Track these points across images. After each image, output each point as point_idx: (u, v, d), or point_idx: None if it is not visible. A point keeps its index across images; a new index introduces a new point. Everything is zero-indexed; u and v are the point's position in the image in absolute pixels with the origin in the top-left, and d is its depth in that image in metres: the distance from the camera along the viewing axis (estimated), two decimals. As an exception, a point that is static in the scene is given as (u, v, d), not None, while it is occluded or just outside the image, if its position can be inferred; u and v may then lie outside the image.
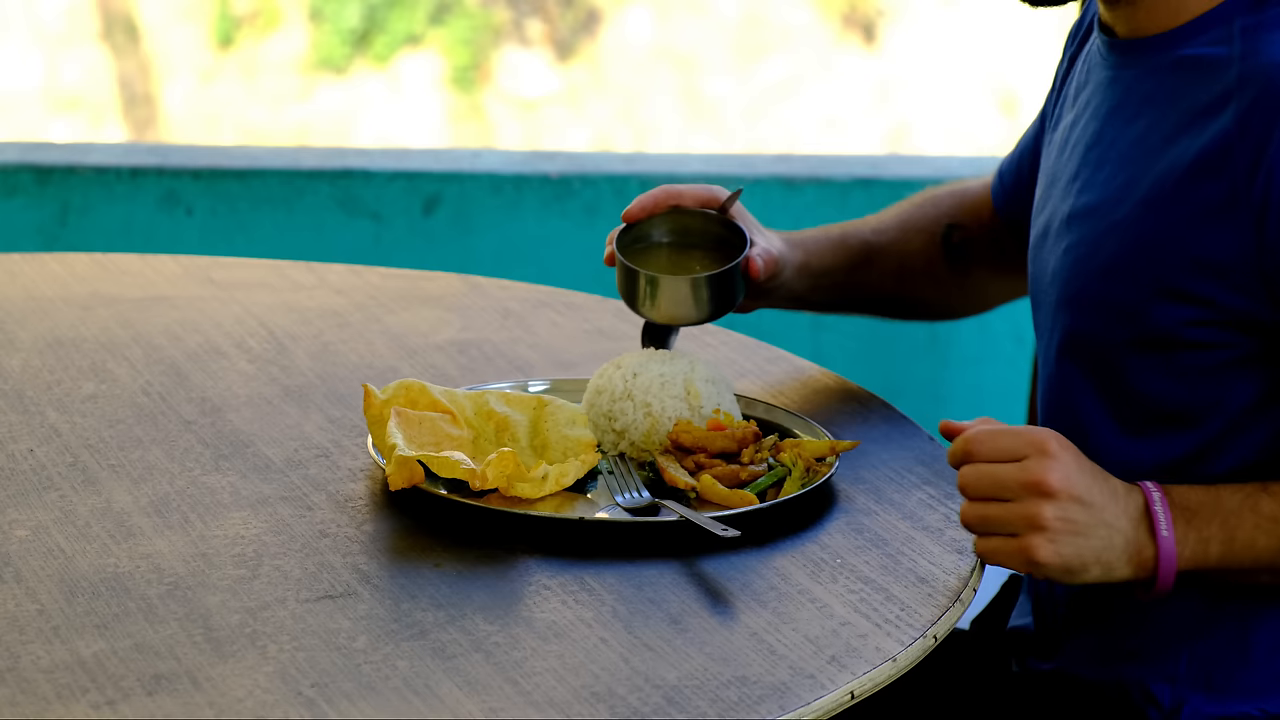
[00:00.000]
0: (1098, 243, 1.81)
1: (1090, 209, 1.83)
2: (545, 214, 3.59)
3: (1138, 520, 1.68)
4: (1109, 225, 1.80)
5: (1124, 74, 1.84)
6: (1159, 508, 1.68)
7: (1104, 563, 1.67)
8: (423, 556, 1.65)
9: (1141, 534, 1.68)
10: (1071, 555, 1.65)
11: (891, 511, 1.76)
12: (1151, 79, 1.81)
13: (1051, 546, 1.65)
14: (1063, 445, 1.67)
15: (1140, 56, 1.83)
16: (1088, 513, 1.65)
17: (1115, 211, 1.80)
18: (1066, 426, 1.81)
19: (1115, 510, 1.67)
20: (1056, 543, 1.65)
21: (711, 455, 1.77)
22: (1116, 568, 1.67)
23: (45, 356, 2.06)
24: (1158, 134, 1.78)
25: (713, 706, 1.44)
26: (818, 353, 3.60)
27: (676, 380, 1.83)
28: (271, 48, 8.45)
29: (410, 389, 1.82)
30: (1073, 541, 1.65)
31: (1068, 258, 1.84)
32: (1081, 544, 1.66)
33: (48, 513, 1.70)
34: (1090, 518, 1.66)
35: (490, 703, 1.43)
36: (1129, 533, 1.67)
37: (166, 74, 8.34)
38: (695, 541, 1.67)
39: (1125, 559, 1.67)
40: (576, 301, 2.29)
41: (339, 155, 3.74)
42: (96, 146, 3.72)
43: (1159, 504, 1.68)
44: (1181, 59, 1.79)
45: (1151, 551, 1.67)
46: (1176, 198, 1.75)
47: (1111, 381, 1.82)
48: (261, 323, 2.18)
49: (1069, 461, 1.66)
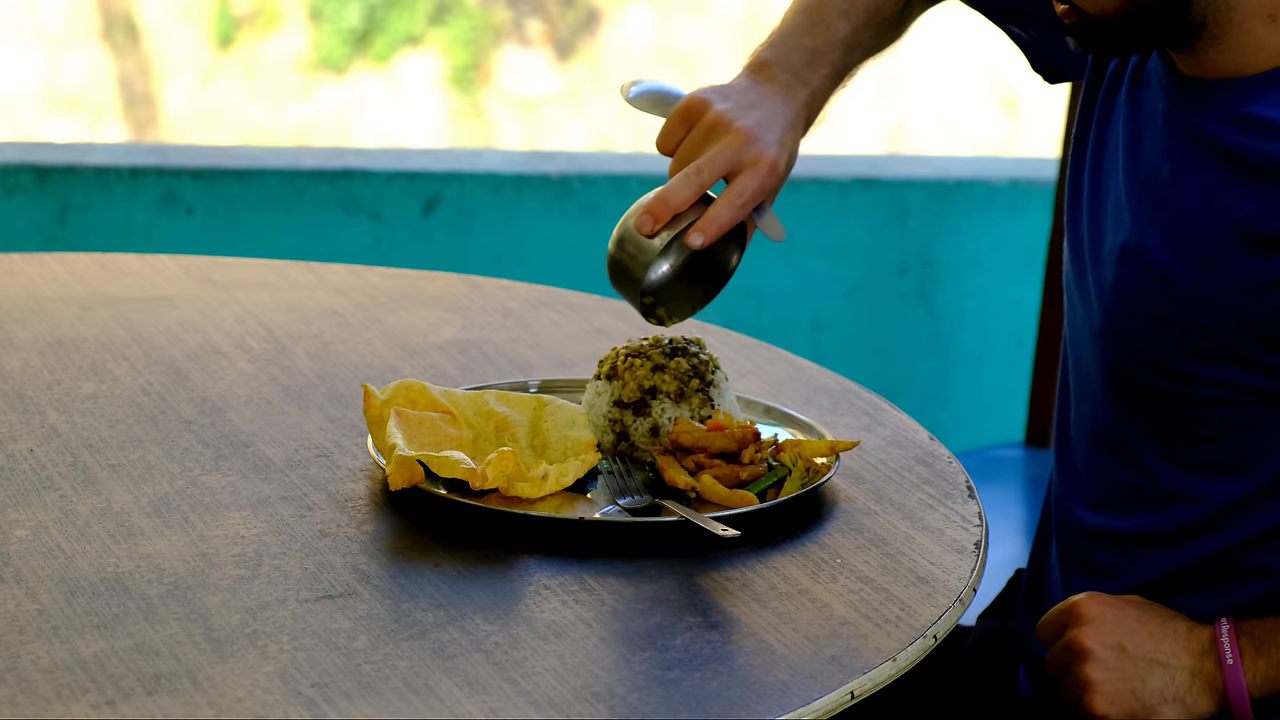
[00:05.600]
0: (1148, 289, 1.78)
1: (1145, 252, 1.79)
2: (545, 214, 3.59)
3: (1203, 653, 1.72)
4: (1161, 275, 1.77)
5: (1188, 115, 1.78)
6: (1225, 639, 1.72)
7: (1174, 700, 1.72)
8: (423, 556, 1.65)
9: (1210, 667, 1.72)
10: (1128, 701, 1.71)
11: (891, 511, 1.76)
12: (1220, 130, 1.75)
13: (1103, 699, 1.72)
14: (1097, 601, 1.74)
15: (1206, 100, 1.77)
16: (1132, 658, 1.72)
17: (1174, 265, 1.76)
18: (1119, 457, 1.83)
19: (1171, 648, 1.72)
20: (1106, 694, 1.72)
21: (711, 455, 1.77)
22: (1193, 702, 1.72)
23: (45, 356, 2.06)
24: (1228, 194, 1.74)
25: (713, 706, 1.44)
26: (818, 353, 3.61)
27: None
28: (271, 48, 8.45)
29: (410, 389, 1.82)
30: (1124, 688, 1.72)
31: (1114, 293, 1.81)
32: (1136, 688, 1.72)
33: (48, 513, 1.70)
34: (1137, 661, 1.72)
35: (490, 703, 1.43)
36: (1195, 666, 1.72)
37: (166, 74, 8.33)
38: (695, 541, 1.67)
39: (1198, 691, 1.72)
40: (576, 301, 2.29)
41: (339, 155, 3.73)
42: (96, 146, 3.72)
43: (1225, 635, 1.72)
44: (1254, 117, 1.73)
45: (1222, 683, 1.71)
46: (1241, 266, 1.72)
47: (1153, 421, 1.82)
48: (261, 323, 2.18)
49: (1105, 616, 1.73)
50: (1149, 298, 1.78)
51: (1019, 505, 2.75)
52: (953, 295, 3.69)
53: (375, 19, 8.53)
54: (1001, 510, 2.66)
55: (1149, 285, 1.78)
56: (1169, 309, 1.77)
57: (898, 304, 3.72)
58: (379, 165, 3.66)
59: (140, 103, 8.40)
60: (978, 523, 1.74)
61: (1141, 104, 1.85)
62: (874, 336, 3.75)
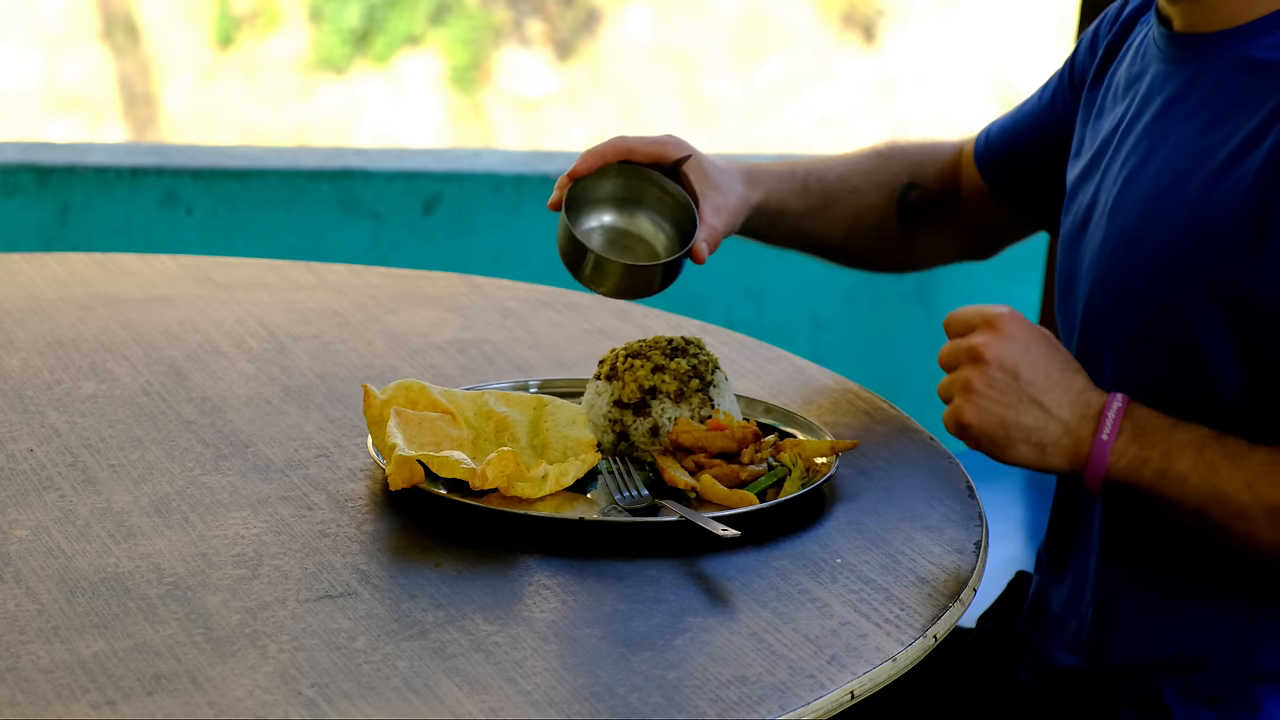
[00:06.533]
0: (1141, 234, 1.79)
1: (1136, 200, 1.81)
2: (545, 214, 3.58)
3: (1086, 417, 1.71)
4: (1156, 218, 1.78)
5: (1183, 69, 1.81)
6: (1111, 414, 1.71)
7: (1036, 444, 1.70)
8: (423, 556, 1.65)
9: (1084, 430, 1.71)
10: (995, 424, 1.69)
11: (891, 511, 1.76)
12: (1213, 76, 1.78)
13: (974, 410, 1.70)
14: (1020, 325, 1.71)
15: (1201, 52, 1.80)
16: (1019, 387, 1.69)
17: (1164, 203, 1.78)
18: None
19: (1059, 398, 1.70)
20: (980, 408, 1.69)
21: (711, 455, 1.77)
22: (1050, 456, 1.71)
23: (45, 356, 2.06)
24: (1217, 133, 1.76)
25: (713, 706, 1.44)
26: (818, 353, 3.61)
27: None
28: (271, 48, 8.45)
29: (410, 389, 1.82)
30: (998, 411, 1.70)
31: (1106, 248, 1.83)
32: (1008, 416, 1.70)
33: (48, 513, 1.70)
34: (1021, 392, 1.70)
35: (490, 703, 1.43)
36: (1071, 423, 1.71)
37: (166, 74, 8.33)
38: (695, 541, 1.67)
39: (1060, 449, 1.71)
40: (576, 301, 2.29)
41: (339, 155, 3.74)
42: (96, 146, 3.72)
43: (1114, 412, 1.71)
44: (1247, 60, 1.76)
45: (1087, 450, 1.70)
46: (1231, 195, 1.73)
47: (1130, 374, 1.81)
48: (261, 323, 2.18)
49: (1018, 338, 1.70)
50: (1144, 243, 1.78)
51: (1019, 505, 2.75)
52: (952, 295, 3.69)
53: (375, 19, 8.53)
54: (1001, 510, 2.66)
55: (1144, 231, 1.78)
56: (1164, 247, 1.77)
57: (897, 304, 3.72)
58: (379, 165, 3.66)
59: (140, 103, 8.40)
60: (978, 523, 1.74)
61: (1141, 77, 1.88)
62: (874, 336, 3.75)
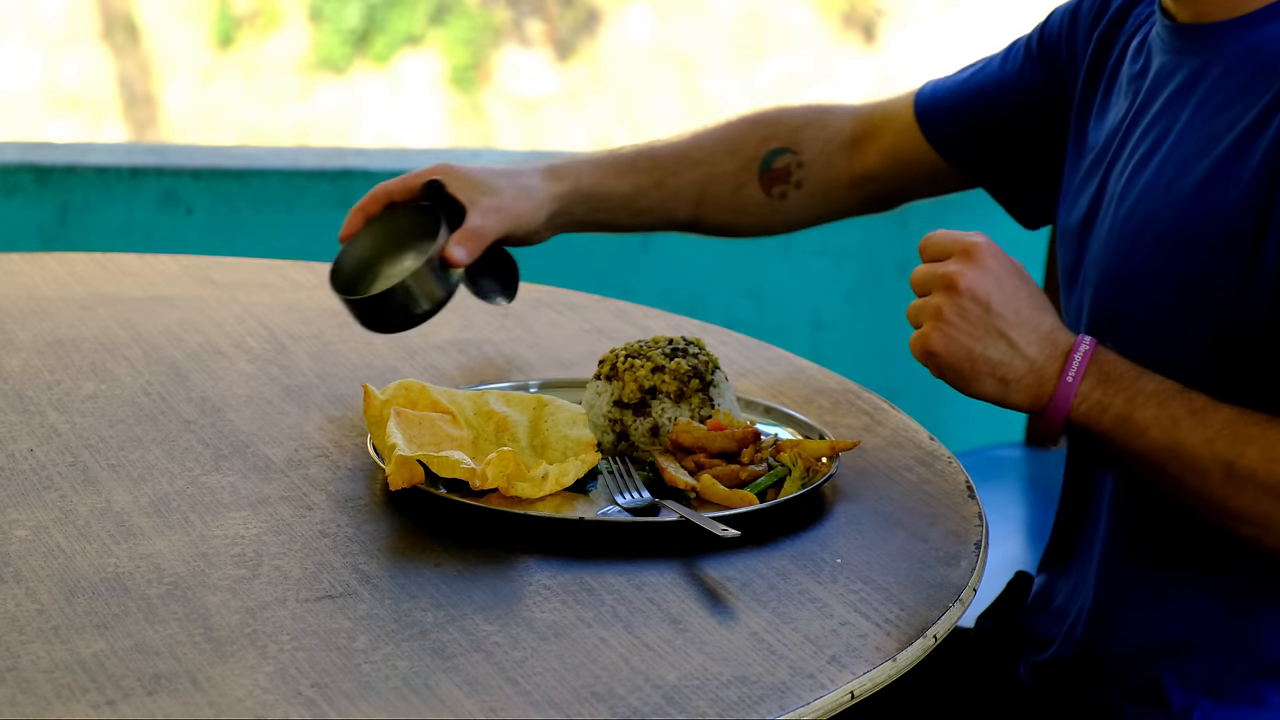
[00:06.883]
0: (1148, 220, 1.79)
1: (1143, 188, 1.80)
2: (545, 214, 3.58)
3: (1052, 357, 1.70)
4: (1162, 203, 1.78)
5: (1189, 60, 1.81)
6: (1078, 356, 1.70)
7: (1000, 379, 1.69)
8: (423, 556, 1.65)
9: (1050, 370, 1.70)
10: (961, 355, 1.69)
11: (892, 511, 1.76)
12: (1219, 64, 1.78)
13: (942, 339, 1.69)
14: (996, 257, 1.70)
15: (1207, 42, 1.80)
16: (989, 319, 1.68)
17: (1170, 190, 1.77)
18: None
19: (1027, 335, 1.69)
20: (948, 337, 1.69)
21: (711, 455, 1.77)
22: (1013, 392, 1.70)
23: (45, 356, 2.06)
24: (1223, 119, 1.76)
25: (713, 706, 1.44)
26: (818, 353, 3.60)
27: None
28: (271, 48, 8.44)
29: (410, 389, 1.82)
30: (965, 342, 1.69)
31: (1114, 237, 1.82)
32: (974, 347, 1.69)
33: (48, 513, 1.70)
34: (991, 325, 1.69)
35: (490, 703, 1.43)
36: (1037, 362, 1.70)
37: (166, 74, 8.33)
38: (695, 541, 1.67)
39: (1023, 386, 1.70)
40: (576, 301, 2.29)
41: (339, 155, 3.74)
42: (96, 146, 3.72)
43: (1081, 354, 1.70)
44: (1252, 47, 1.76)
45: (1051, 390, 1.69)
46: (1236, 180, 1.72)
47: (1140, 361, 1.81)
48: (261, 323, 2.18)
49: (993, 269, 1.69)
50: (1150, 228, 1.78)
51: (1019, 505, 2.75)
52: (952, 295, 3.68)
53: (375, 19, 8.53)
54: (1001, 510, 2.66)
55: (1151, 217, 1.78)
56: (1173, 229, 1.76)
57: (898, 304, 3.72)
58: (379, 165, 3.66)
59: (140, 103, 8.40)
60: (978, 523, 1.74)
61: (1145, 73, 1.87)
62: (874, 336, 3.75)
